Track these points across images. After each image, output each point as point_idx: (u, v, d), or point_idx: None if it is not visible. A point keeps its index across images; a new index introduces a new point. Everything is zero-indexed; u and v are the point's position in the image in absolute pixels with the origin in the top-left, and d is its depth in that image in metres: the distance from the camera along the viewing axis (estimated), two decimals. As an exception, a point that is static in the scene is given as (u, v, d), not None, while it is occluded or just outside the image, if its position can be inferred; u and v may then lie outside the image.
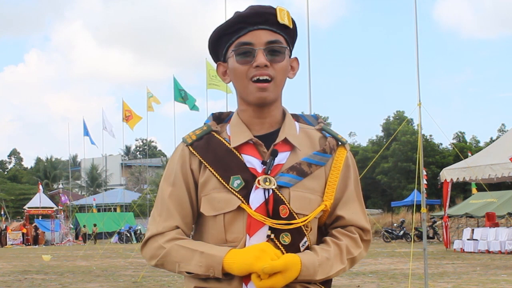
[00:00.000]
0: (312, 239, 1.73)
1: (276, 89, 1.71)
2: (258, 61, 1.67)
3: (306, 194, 1.71)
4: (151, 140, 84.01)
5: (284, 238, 1.67)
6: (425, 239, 8.85)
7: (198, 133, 1.77)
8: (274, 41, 1.70)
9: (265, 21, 1.70)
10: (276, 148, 1.71)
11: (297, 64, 1.81)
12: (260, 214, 1.66)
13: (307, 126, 1.82)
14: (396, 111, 48.57)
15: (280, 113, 1.78)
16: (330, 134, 1.78)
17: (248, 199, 1.67)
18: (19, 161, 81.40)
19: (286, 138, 1.73)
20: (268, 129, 1.75)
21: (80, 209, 46.19)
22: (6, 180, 60.14)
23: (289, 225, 1.66)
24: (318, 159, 1.73)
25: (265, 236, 1.66)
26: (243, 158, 1.71)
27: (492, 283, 11.15)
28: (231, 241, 1.69)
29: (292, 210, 1.68)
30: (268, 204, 1.66)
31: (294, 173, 1.70)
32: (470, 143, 46.99)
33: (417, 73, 8.67)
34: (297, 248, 1.68)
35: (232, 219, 1.69)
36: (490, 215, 21.48)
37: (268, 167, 1.69)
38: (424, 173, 10.77)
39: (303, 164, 1.71)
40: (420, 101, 8.57)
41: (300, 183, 1.70)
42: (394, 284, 11.21)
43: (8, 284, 12.57)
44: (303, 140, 1.76)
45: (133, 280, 12.62)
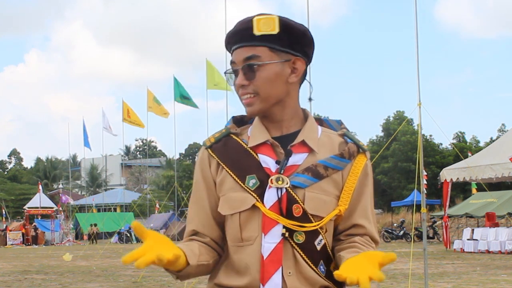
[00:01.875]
0: (329, 240, 1.75)
1: (263, 102, 1.73)
2: (236, 82, 1.74)
3: (321, 195, 1.72)
4: (151, 140, 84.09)
5: (298, 236, 1.69)
6: (425, 239, 8.85)
7: (217, 136, 1.82)
8: (250, 57, 1.71)
9: (241, 38, 1.73)
10: (293, 149, 1.74)
11: (301, 64, 1.78)
12: (273, 213, 1.68)
13: (330, 130, 1.83)
14: (396, 111, 48.60)
15: (294, 116, 1.80)
16: (351, 140, 1.79)
17: (263, 198, 1.70)
18: (19, 161, 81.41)
19: (304, 140, 1.75)
20: (285, 131, 1.78)
21: (80, 209, 46.19)
22: (6, 180, 60.13)
23: (303, 227, 1.69)
24: (335, 163, 1.74)
25: (280, 234, 1.68)
26: (259, 158, 1.75)
27: (492, 283, 11.15)
28: (246, 240, 1.72)
29: (306, 211, 1.70)
30: (281, 203, 1.69)
31: (309, 174, 1.71)
32: (470, 143, 46.99)
33: (417, 73, 8.67)
34: (312, 246, 1.70)
35: (248, 218, 1.72)
36: (490, 215, 21.48)
37: (281, 167, 1.71)
38: (424, 173, 10.77)
39: (319, 166, 1.73)
40: (420, 101, 8.57)
41: (315, 184, 1.71)
42: (394, 284, 11.21)
43: (8, 284, 12.57)
44: (323, 144, 1.77)
45: (133, 280, 12.63)
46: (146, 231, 1.56)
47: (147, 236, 1.56)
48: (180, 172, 49.99)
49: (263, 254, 1.68)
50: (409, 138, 41.69)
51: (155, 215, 36.28)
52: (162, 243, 1.57)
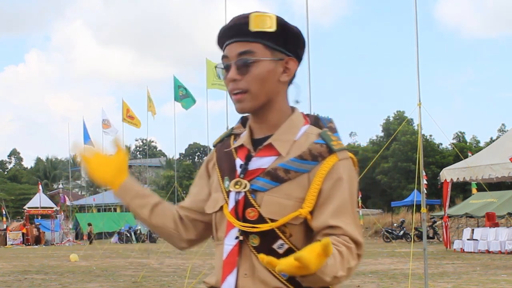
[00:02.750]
0: (297, 244, 1.69)
1: (253, 100, 1.72)
2: (228, 76, 1.74)
3: (281, 199, 1.69)
4: (151, 140, 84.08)
5: (253, 240, 1.70)
6: (425, 239, 8.86)
7: (222, 135, 1.91)
8: (244, 52, 1.71)
9: (237, 33, 1.73)
10: (261, 152, 1.74)
11: (294, 64, 1.78)
12: (231, 216, 1.72)
13: (314, 130, 1.78)
14: (396, 111, 48.65)
15: (280, 116, 1.77)
16: (324, 141, 1.73)
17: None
18: (19, 161, 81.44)
19: (271, 143, 1.74)
20: (267, 133, 1.77)
21: (80, 209, 46.19)
22: (6, 180, 60.19)
23: (254, 228, 1.69)
24: (296, 166, 1.70)
25: (235, 237, 1.72)
26: (236, 160, 1.79)
27: (492, 283, 11.16)
28: (218, 239, 1.78)
29: (262, 214, 1.69)
30: (238, 207, 1.71)
31: (269, 178, 1.71)
32: (470, 143, 47.03)
33: (417, 73, 8.68)
34: (270, 249, 1.67)
35: (220, 219, 1.78)
36: (490, 215, 21.49)
37: (242, 171, 1.74)
38: (424, 173, 10.76)
39: (279, 169, 1.71)
40: (420, 101, 8.57)
41: (276, 188, 1.70)
42: (394, 284, 11.22)
43: (8, 284, 12.57)
44: (298, 146, 1.74)
45: (133, 280, 12.63)
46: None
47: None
48: (180, 172, 49.99)
49: (223, 255, 1.74)
50: (409, 138, 41.71)
51: (155, 215, 36.17)
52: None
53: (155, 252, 21.93)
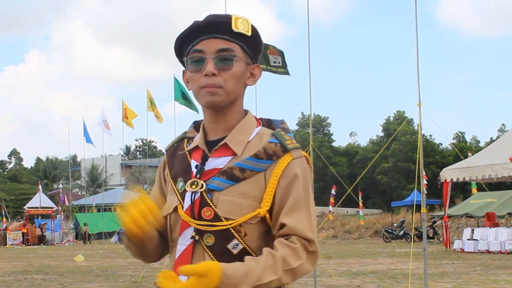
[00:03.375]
0: (251, 244, 1.71)
1: (226, 96, 1.74)
2: (207, 69, 1.72)
3: (237, 199, 1.71)
4: (151, 140, 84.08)
5: (207, 239, 1.71)
6: (425, 239, 8.86)
7: (174, 140, 1.93)
8: (225, 49, 1.74)
9: (217, 30, 1.75)
10: (217, 153, 1.76)
11: (258, 71, 1.84)
12: (186, 215, 1.74)
13: (267, 131, 1.81)
14: (396, 111, 48.73)
15: (236, 118, 1.80)
16: (277, 140, 1.76)
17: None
18: (19, 161, 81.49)
19: (226, 143, 1.76)
20: (222, 134, 1.79)
21: (80, 209, 46.19)
22: (6, 180, 60.22)
23: (211, 227, 1.70)
24: (251, 165, 1.73)
25: (190, 236, 1.73)
26: (191, 162, 1.81)
27: (492, 283, 11.16)
28: (173, 240, 1.80)
29: (218, 213, 1.71)
30: (193, 206, 1.73)
31: (225, 177, 1.73)
32: (470, 143, 47.07)
33: (417, 73, 8.68)
34: (224, 249, 1.69)
35: (174, 220, 1.79)
36: (490, 215, 21.49)
37: (198, 171, 1.76)
38: (424, 173, 10.77)
39: (234, 168, 1.73)
40: (420, 101, 8.58)
41: (232, 187, 1.71)
42: (394, 284, 11.22)
43: (8, 284, 12.58)
44: (252, 146, 1.76)
45: (133, 280, 12.63)
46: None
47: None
48: (180, 172, 49.83)
49: (176, 255, 1.77)
50: (409, 138, 41.73)
51: (155, 215, 36.21)
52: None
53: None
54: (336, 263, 16.24)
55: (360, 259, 17.87)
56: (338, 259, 17.88)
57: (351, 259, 17.96)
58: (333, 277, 12.47)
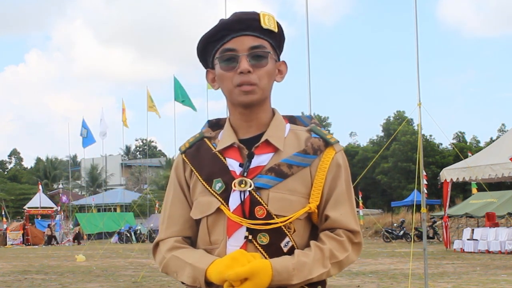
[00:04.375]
0: (298, 241, 1.72)
1: (261, 93, 1.73)
2: (242, 67, 1.70)
3: (287, 195, 1.71)
4: (151, 140, 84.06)
5: (262, 238, 1.69)
6: (425, 239, 8.85)
7: (191, 141, 1.85)
8: (257, 46, 1.72)
9: (248, 27, 1.73)
10: (259, 150, 1.74)
11: (285, 67, 1.83)
12: (236, 216, 1.69)
13: (299, 127, 1.83)
14: (396, 111, 48.67)
15: (268, 116, 1.80)
16: (317, 135, 1.78)
17: (228, 201, 1.72)
18: (19, 161, 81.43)
19: (268, 139, 1.75)
20: (255, 132, 1.78)
21: (80, 209, 46.17)
22: (6, 180, 60.16)
23: (266, 225, 1.68)
24: (299, 160, 1.73)
25: (243, 237, 1.69)
26: (226, 161, 1.75)
27: (492, 283, 11.16)
28: (214, 243, 1.74)
29: (270, 211, 1.69)
30: (244, 205, 1.70)
31: (273, 174, 1.71)
32: (470, 143, 47.05)
33: (417, 73, 8.68)
34: (278, 248, 1.69)
35: (214, 222, 1.74)
36: (490, 215, 21.49)
37: (244, 169, 1.72)
38: (424, 173, 10.77)
39: (282, 165, 1.72)
40: (420, 101, 8.58)
41: (280, 184, 1.71)
42: (394, 284, 11.22)
43: (8, 284, 12.57)
44: (290, 142, 1.77)
45: (133, 280, 12.63)
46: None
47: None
48: (180, 172, 49.77)
49: None
50: (409, 138, 41.71)
51: (155, 215, 36.24)
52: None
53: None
54: (336, 263, 16.21)
55: (360, 259, 17.87)
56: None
57: (351, 259, 17.93)
58: (333, 277, 12.45)
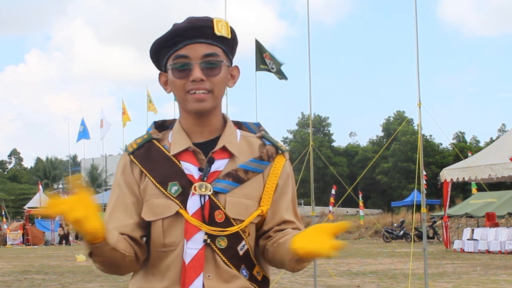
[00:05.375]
0: (251, 243, 1.77)
1: (214, 100, 1.75)
2: (194, 75, 1.72)
3: (243, 200, 1.75)
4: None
5: (221, 242, 1.71)
6: (425, 239, 8.86)
7: (139, 141, 1.83)
8: (211, 54, 1.74)
9: (201, 34, 1.74)
10: (214, 155, 1.76)
11: (237, 72, 1.85)
12: (196, 220, 1.71)
13: (249, 134, 1.86)
14: (396, 111, 48.75)
15: (219, 121, 1.82)
16: (270, 142, 1.82)
17: (186, 204, 1.72)
18: (19, 161, 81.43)
19: (225, 145, 1.77)
20: (208, 137, 1.80)
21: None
22: (6, 180, 60.17)
23: (224, 231, 1.71)
24: (255, 166, 1.77)
25: (202, 240, 1.71)
26: (181, 165, 1.76)
27: (492, 283, 11.16)
28: (169, 245, 1.73)
29: (228, 216, 1.72)
30: (204, 210, 1.71)
31: (230, 179, 1.74)
32: (470, 143, 47.08)
33: (417, 73, 8.69)
34: (235, 251, 1.73)
35: (170, 224, 1.73)
36: (490, 215, 21.50)
37: (205, 174, 1.74)
38: (424, 173, 10.78)
39: (239, 170, 1.76)
40: (420, 101, 8.58)
41: (236, 189, 1.74)
42: (394, 284, 11.22)
43: (8, 284, 12.58)
44: (242, 148, 1.80)
45: (133, 280, 12.63)
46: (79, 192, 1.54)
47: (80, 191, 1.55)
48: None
49: (185, 260, 1.71)
50: (409, 138, 41.74)
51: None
52: (91, 207, 1.54)
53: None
54: (336, 263, 16.24)
55: (360, 259, 17.88)
56: (338, 259, 17.86)
57: (351, 259, 17.96)
58: (333, 277, 12.47)
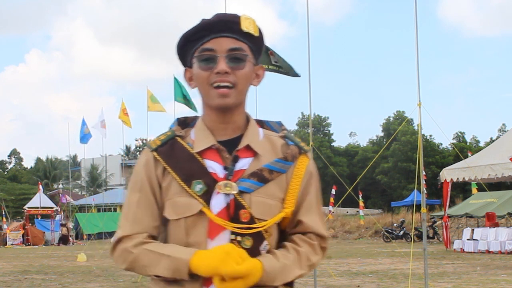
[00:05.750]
0: (272, 243, 1.78)
1: (237, 95, 1.74)
2: (219, 67, 1.71)
3: (267, 199, 1.74)
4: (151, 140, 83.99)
5: (246, 242, 1.71)
6: (425, 239, 8.86)
7: (163, 138, 1.81)
8: (236, 48, 1.74)
9: (228, 29, 1.74)
10: (239, 154, 1.76)
11: (262, 72, 1.85)
12: (221, 219, 1.70)
13: (271, 132, 1.85)
14: (396, 111, 48.75)
15: (243, 118, 1.81)
16: (293, 142, 1.82)
17: (209, 203, 1.71)
18: (19, 161, 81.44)
19: (249, 144, 1.77)
20: (231, 135, 1.79)
21: (80, 209, 46.20)
22: (6, 180, 60.17)
23: (249, 229, 1.71)
24: (279, 166, 1.77)
25: (227, 240, 1.70)
26: (205, 163, 1.75)
27: (492, 283, 11.16)
28: (192, 244, 1.72)
29: (253, 215, 1.72)
30: (229, 209, 1.71)
31: (255, 179, 1.74)
32: (470, 143, 47.08)
33: (417, 73, 8.68)
34: (257, 251, 1.73)
35: (194, 223, 1.72)
36: (490, 215, 21.50)
37: (229, 173, 1.73)
38: (424, 173, 10.78)
39: (264, 170, 1.75)
40: (420, 101, 8.58)
41: (261, 189, 1.74)
42: (394, 284, 11.22)
43: (8, 284, 12.58)
44: (266, 147, 1.79)
45: (133, 280, 12.64)
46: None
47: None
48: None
49: None
50: (409, 138, 41.74)
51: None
52: None
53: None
54: (336, 263, 16.24)
55: (360, 259, 17.87)
56: (338, 259, 17.87)
57: (351, 259, 17.96)
58: (333, 277, 12.47)
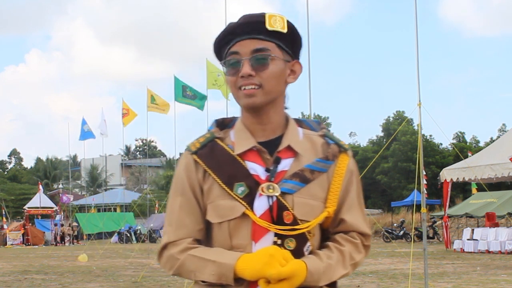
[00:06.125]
0: (315, 244, 1.77)
1: (265, 95, 1.72)
2: (243, 71, 1.71)
3: (309, 200, 1.73)
4: (151, 140, 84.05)
5: (289, 243, 1.70)
6: (425, 239, 8.86)
7: (202, 140, 1.80)
8: (260, 49, 1.72)
9: (252, 30, 1.73)
10: (280, 154, 1.74)
11: (299, 67, 1.82)
12: (264, 221, 1.69)
13: (310, 132, 1.84)
14: (396, 111, 48.66)
15: (281, 118, 1.80)
16: (333, 141, 1.81)
17: (252, 205, 1.70)
18: (19, 161, 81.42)
19: (290, 145, 1.75)
20: (271, 135, 1.77)
21: (80, 209, 46.19)
22: (6, 180, 60.11)
23: (293, 230, 1.70)
24: (321, 166, 1.76)
25: (271, 242, 1.69)
26: (246, 165, 1.74)
27: (492, 283, 11.16)
28: (236, 247, 1.72)
29: (296, 216, 1.71)
30: (272, 211, 1.70)
31: (297, 179, 1.72)
32: (470, 143, 47.04)
33: (417, 73, 8.68)
34: (301, 253, 1.72)
35: (237, 226, 1.71)
36: (490, 215, 21.49)
37: (272, 174, 1.72)
38: (424, 173, 10.78)
39: (305, 171, 1.74)
40: (420, 101, 8.58)
41: (303, 189, 1.73)
42: (394, 284, 11.22)
43: (8, 284, 12.57)
44: (306, 146, 1.78)
45: (133, 280, 12.63)
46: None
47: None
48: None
49: None
50: (409, 138, 41.70)
51: (155, 215, 36.28)
52: None
53: (155, 252, 21.91)
54: (336, 263, 16.22)
55: (360, 259, 17.85)
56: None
57: (351, 259, 17.93)
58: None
